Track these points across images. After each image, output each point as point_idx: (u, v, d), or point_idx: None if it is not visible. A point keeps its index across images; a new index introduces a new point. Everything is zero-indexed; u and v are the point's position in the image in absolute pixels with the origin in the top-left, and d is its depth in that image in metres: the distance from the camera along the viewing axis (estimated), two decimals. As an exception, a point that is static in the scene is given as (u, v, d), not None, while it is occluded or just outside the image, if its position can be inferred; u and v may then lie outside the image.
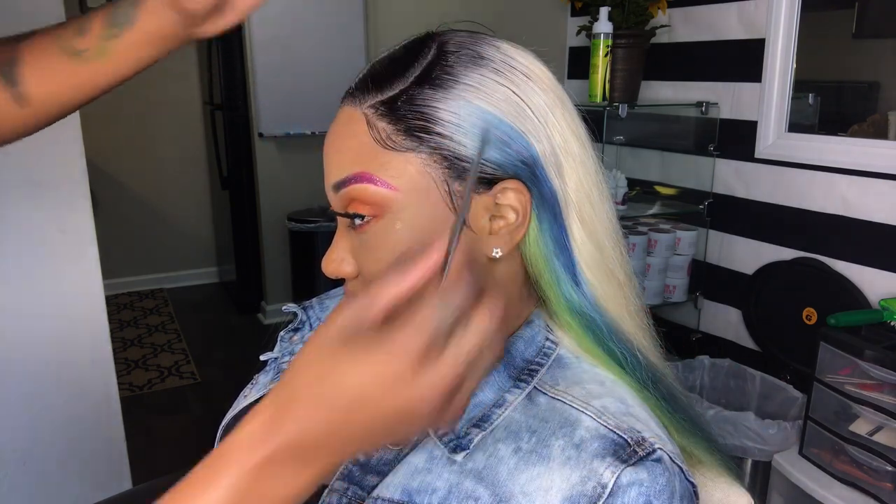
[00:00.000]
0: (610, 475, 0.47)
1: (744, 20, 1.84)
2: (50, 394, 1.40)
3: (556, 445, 0.50)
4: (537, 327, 0.58)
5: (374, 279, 0.49)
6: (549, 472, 0.48)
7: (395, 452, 0.52)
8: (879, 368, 1.34)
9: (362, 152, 0.52)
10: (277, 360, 0.70)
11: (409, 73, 0.53)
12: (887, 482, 1.33)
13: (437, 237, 0.48)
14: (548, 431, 0.51)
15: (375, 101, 0.53)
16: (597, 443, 0.49)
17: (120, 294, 3.88)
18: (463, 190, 0.52)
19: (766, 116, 1.78)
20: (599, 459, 0.48)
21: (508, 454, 0.50)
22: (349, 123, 0.54)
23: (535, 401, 0.53)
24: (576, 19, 2.30)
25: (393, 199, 0.51)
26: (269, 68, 3.06)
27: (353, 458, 0.52)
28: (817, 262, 1.71)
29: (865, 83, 1.74)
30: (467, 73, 0.53)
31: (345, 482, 0.52)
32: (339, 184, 0.53)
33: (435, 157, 0.51)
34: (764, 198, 1.84)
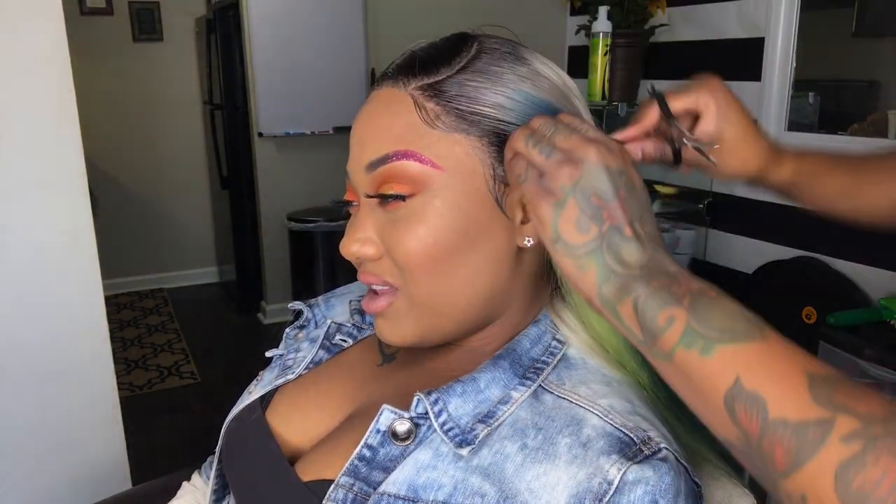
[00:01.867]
0: (616, 472, 0.47)
1: (743, 19, 1.84)
2: (50, 394, 1.41)
3: (563, 443, 0.50)
4: (544, 326, 0.58)
5: (408, 255, 0.52)
6: (556, 469, 0.48)
7: (400, 449, 0.52)
8: (879, 367, 1.34)
9: (407, 131, 0.52)
10: (283, 356, 0.71)
11: (455, 61, 0.54)
12: (887, 481, 1.33)
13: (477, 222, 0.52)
14: (554, 429, 0.51)
15: (423, 84, 0.53)
16: (603, 440, 0.49)
17: (120, 294, 3.88)
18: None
19: (766, 115, 1.78)
20: (605, 456, 0.48)
21: (514, 451, 0.50)
22: (391, 104, 0.54)
23: (541, 399, 0.53)
24: (575, 18, 2.30)
25: (436, 177, 0.52)
26: (268, 68, 3.06)
27: (358, 454, 0.52)
28: (817, 261, 1.71)
29: (865, 82, 1.74)
30: (513, 66, 0.54)
31: (350, 478, 0.52)
32: (379, 161, 0.53)
33: (484, 140, 0.53)
34: (764, 197, 1.84)
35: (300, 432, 0.61)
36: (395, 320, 0.56)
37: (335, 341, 0.69)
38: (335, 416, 0.60)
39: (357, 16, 3.12)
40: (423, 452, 0.51)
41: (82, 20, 3.63)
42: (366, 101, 0.56)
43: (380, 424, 0.53)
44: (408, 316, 0.55)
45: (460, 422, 0.52)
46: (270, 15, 3.03)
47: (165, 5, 3.79)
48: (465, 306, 0.55)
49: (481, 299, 0.55)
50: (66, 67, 1.32)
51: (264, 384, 0.67)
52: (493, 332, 0.58)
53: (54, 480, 1.44)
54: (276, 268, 3.34)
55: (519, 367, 0.55)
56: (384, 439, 0.53)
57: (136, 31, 3.78)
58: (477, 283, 0.54)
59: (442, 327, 0.56)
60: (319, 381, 0.65)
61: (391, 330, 0.56)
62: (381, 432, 0.53)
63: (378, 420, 0.53)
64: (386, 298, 0.55)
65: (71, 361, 1.42)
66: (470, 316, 0.56)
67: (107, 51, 3.71)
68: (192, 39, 3.89)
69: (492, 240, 0.54)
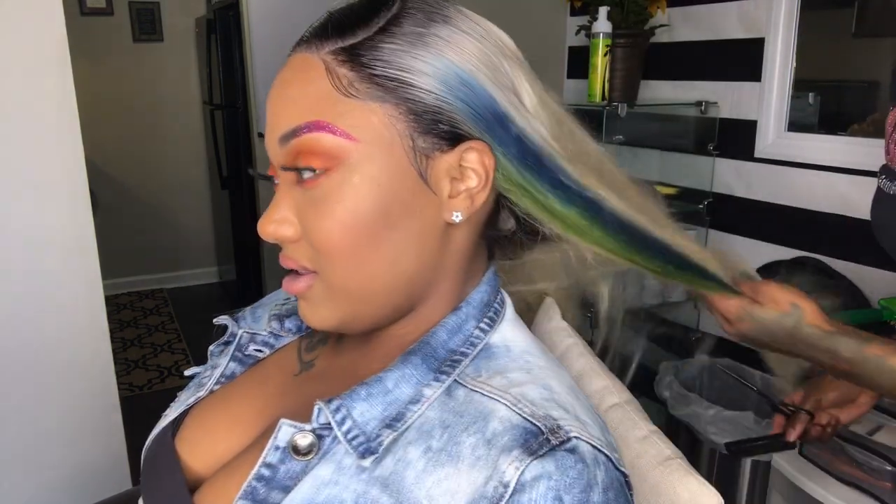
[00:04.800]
0: (513, 472, 0.43)
1: (743, 19, 1.84)
2: (50, 394, 1.40)
3: (468, 443, 0.46)
4: (465, 315, 0.54)
5: (326, 238, 0.48)
6: (458, 473, 0.45)
7: (302, 464, 0.48)
8: (879, 368, 1.34)
9: (319, 100, 0.48)
10: (199, 374, 0.67)
11: (372, 22, 0.49)
12: (887, 482, 1.33)
13: (398, 198, 0.48)
14: (460, 427, 0.47)
15: (336, 48, 0.49)
16: (507, 435, 0.46)
17: (120, 294, 3.88)
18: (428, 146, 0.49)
19: (766, 116, 1.78)
20: (506, 454, 0.44)
21: (417, 456, 0.47)
22: (303, 70, 0.49)
23: (454, 394, 0.50)
24: (575, 19, 2.30)
25: (352, 150, 0.47)
26: (268, 68, 3.06)
27: (256, 474, 0.49)
28: (817, 261, 1.71)
29: (865, 82, 1.74)
30: (436, 27, 0.50)
31: (248, 501, 0.48)
32: (290, 133, 0.48)
33: (401, 108, 0.48)
34: (763, 197, 1.84)
35: (208, 457, 0.57)
36: (315, 304, 0.52)
37: (248, 352, 0.64)
38: (245, 437, 0.56)
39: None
40: (323, 467, 0.47)
41: (82, 20, 3.63)
42: (281, 68, 0.52)
43: (278, 440, 0.49)
44: (327, 300, 0.51)
45: (366, 428, 0.48)
46: (270, 15, 3.03)
47: (165, 5, 3.79)
48: (387, 290, 0.51)
49: (404, 281, 0.51)
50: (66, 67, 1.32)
51: (179, 405, 0.63)
52: (417, 320, 0.54)
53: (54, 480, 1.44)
54: (276, 268, 3.32)
55: (433, 361, 0.51)
56: (284, 455, 0.49)
57: (136, 31, 3.78)
58: (400, 264, 0.50)
59: (363, 312, 0.52)
60: (230, 398, 0.60)
61: (312, 313, 0.52)
62: (280, 448, 0.49)
63: (276, 436, 0.49)
64: (305, 281, 0.51)
65: (71, 362, 1.42)
66: (393, 299, 0.52)
67: (107, 51, 3.71)
68: (192, 39, 3.89)
69: (416, 216, 0.49)
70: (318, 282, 0.51)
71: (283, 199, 0.51)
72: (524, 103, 0.52)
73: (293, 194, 0.50)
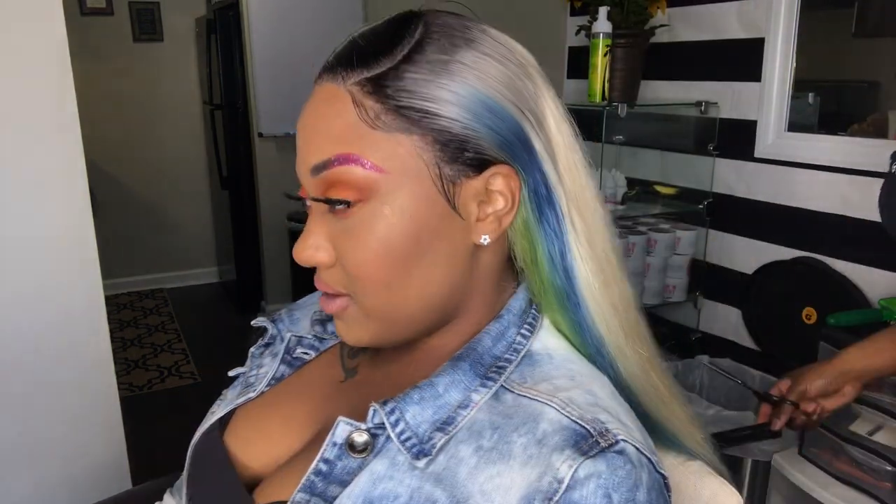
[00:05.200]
0: (567, 469, 0.45)
1: (743, 20, 1.84)
2: (50, 394, 1.40)
3: (518, 443, 0.48)
4: (507, 323, 0.55)
5: (359, 267, 0.50)
6: (510, 470, 0.47)
7: (358, 461, 0.50)
8: (879, 368, 1.34)
9: (347, 132, 0.49)
10: (245, 374, 0.69)
11: (396, 50, 0.49)
12: (887, 482, 1.33)
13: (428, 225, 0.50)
14: (510, 427, 0.49)
15: (361, 78, 0.49)
16: (558, 436, 0.48)
17: (120, 294, 3.88)
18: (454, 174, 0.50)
19: (766, 116, 1.78)
20: (558, 453, 0.46)
21: (469, 454, 0.49)
22: (331, 101, 0.50)
23: (501, 399, 0.52)
24: (575, 19, 2.30)
25: (382, 182, 0.49)
26: (268, 68, 3.06)
27: (314, 469, 0.51)
28: (817, 262, 1.71)
29: (865, 82, 1.74)
30: (459, 52, 0.50)
31: (307, 494, 0.50)
32: (321, 165, 0.50)
33: (427, 138, 0.49)
34: (764, 197, 1.84)
35: (262, 456, 0.59)
36: (349, 323, 0.54)
37: (296, 355, 0.67)
38: (298, 438, 0.58)
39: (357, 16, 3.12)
40: (378, 463, 0.50)
41: (82, 20, 3.63)
42: (309, 97, 0.53)
43: (336, 437, 0.51)
44: (361, 321, 0.53)
45: (418, 430, 0.50)
46: (270, 15, 3.03)
47: (165, 5, 3.79)
48: (420, 311, 0.53)
49: (436, 302, 0.53)
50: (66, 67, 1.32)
51: (227, 403, 0.65)
52: (455, 331, 0.56)
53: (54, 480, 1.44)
54: (275, 268, 3.34)
55: (480, 367, 0.53)
56: (341, 452, 0.51)
57: (136, 31, 3.78)
58: (431, 287, 0.52)
59: (397, 332, 0.54)
60: (281, 401, 0.62)
61: (347, 331, 0.55)
62: (337, 445, 0.51)
63: (334, 433, 0.51)
64: (340, 302, 0.53)
65: (71, 362, 1.42)
66: (426, 320, 0.54)
67: (107, 51, 3.71)
68: (192, 39, 3.89)
69: (445, 241, 0.51)
70: (352, 304, 0.53)
71: (317, 225, 0.52)
72: (547, 124, 0.53)
73: (326, 221, 0.52)
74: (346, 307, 0.53)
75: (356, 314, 0.53)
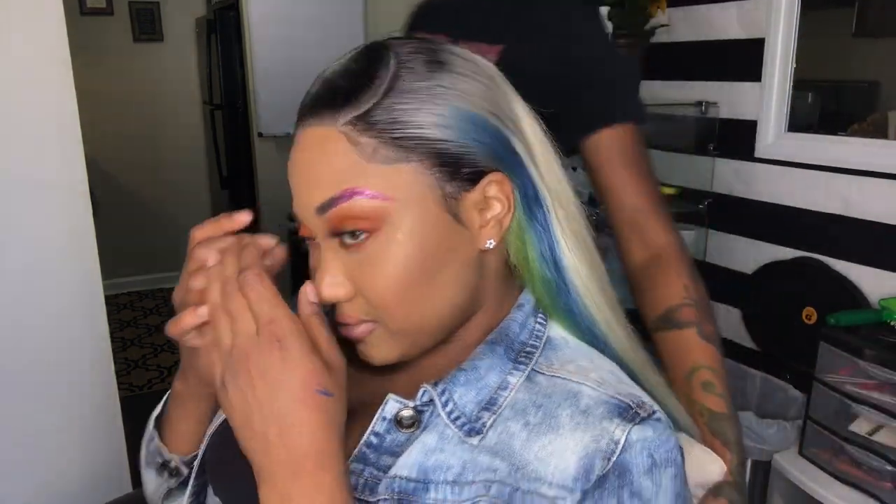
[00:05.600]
0: (621, 433, 0.51)
1: (743, 20, 1.84)
2: (50, 394, 1.40)
3: (564, 414, 0.53)
4: (527, 312, 0.60)
5: (383, 295, 0.53)
6: (561, 438, 0.52)
7: (406, 436, 0.55)
8: (879, 368, 1.34)
9: (348, 171, 0.51)
10: None
11: (376, 85, 0.52)
12: (887, 482, 1.33)
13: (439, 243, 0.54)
14: (553, 404, 0.54)
15: (351, 118, 0.51)
16: (602, 408, 0.53)
17: (120, 294, 3.88)
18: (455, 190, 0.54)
19: (766, 116, 1.78)
20: (608, 420, 0.52)
21: (518, 429, 0.53)
22: (324, 144, 0.52)
23: (535, 381, 0.56)
24: (575, 19, 2.29)
25: (390, 209, 0.51)
26: (268, 68, 3.06)
27: (365, 441, 0.55)
28: (817, 262, 1.71)
29: (865, 82, 1.74)
30: (436, 77, 0.53)
31: (360, 464, 0.54)
32: (327, 204, 0.52)
33: (425, 163, 0.52)
34: (764, 197, 1.84)
35: None
36: (375, 345, 0.56)
37: None
38: None
39: (357, 15, 3.12)
40: (428, 436, 0.54)
41: (82, 20, 3.63)
42: (295, 142, 0.55)
43: (385, 412, 0.55)
44: (387, 341, 0.56)
45: (465, 410, 0.54)
46: (270, 15, 3.03)
47: (165, 5, 3.79)
48: (443, 319, 0.56)
49: (457, 307, 0.57)
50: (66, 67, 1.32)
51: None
52: (475, 324, 0.60)
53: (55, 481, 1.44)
54: (275, 268, 3.34)
55: (512, 352, 0.57)
56: (390, 427, 0.55)
57: (136, 31, 3.78)
58: (448, 296, 0.55)
59: (424, 342, 0.57)
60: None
61: (375, 353, 0.57)
62: (386, 420, 0.55)
63: (384, 408, 0.55)
64: (364, 328, 0.55)
65: (71, 362, 1.42)
66: (449, 325, 0.57)
67: (107, 51, 3.71)
68: (192, 39, 3.89)
69: (456, 252, 0.55)
70: (378, 328, 0.55)
71: (332, 263, 0.54)
72: (522, 126, 0.57)
73: (339, 257, 0.54)
74: (371, 331, 0.55)
75: (382, 336, 0.55)
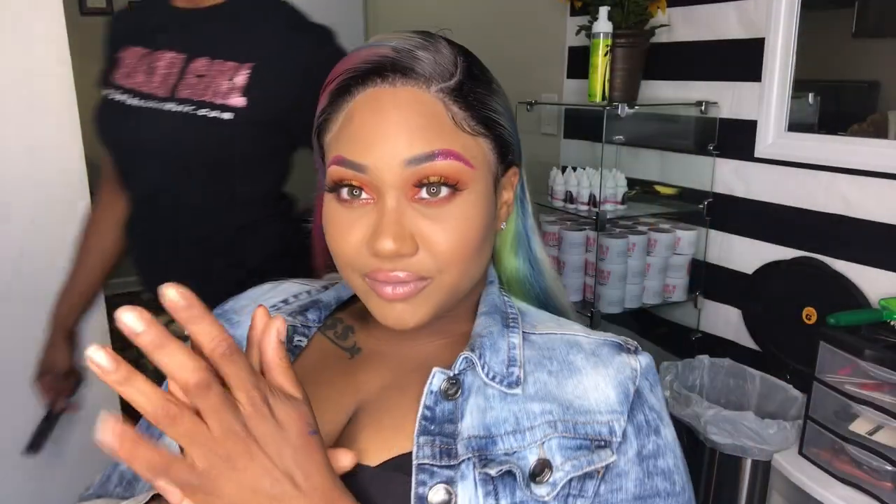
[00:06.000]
0: (634, 362, 0.61)
1: (743, 20, 1.84)
2: (50, 394, 1.40)
3: (578, 359, 0.62)
4: (496, 286, 0.69)
5: (453, 251, 0.58)
6: (586, 377, 0.60)
7: (452, 404, 0.59)
8: (879, 368, 1.34)
9: (444, 132, 0.57)
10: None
11: (461, 65, 0.60)
12: (887, 482, 1.33)
13: (491, 214, 0.62)
14: (561, 354, 0.62)
15: (444, 87, 0.58)
16: (605, 348, 0.63)
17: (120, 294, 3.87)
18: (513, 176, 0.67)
19: (766, 116, 1.78)
20: (618, 356, 0.62)
21: (546, 377, 0.61)
22: (418, 104, 0.57)
23: (531, 341, 0.64)
24: (575, 19, 2.29)
25: (472, 176, 0.59)
26: (268, 68, 3.06)
27: (421, 415, 0.58)
28: (817, 262, 1.71)
29: (865, 82, 1.74)
30: (488, 73, 0.64)
31: (428, 436, 0.57)
32: (423, 157, 0.56)
33: (492, 143, 0.61)
34: (764, 197, 1.84)
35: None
36: (419, 305, 0.59)
37: (295, 343, 0.69)
38: (342, 413, 0.63)
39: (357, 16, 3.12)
40: (475, 400, 0.59)
41: (82, 20, 3.63)
42: (379, 97, 0.58)
43: (433, 386, 0.59)
44: (432, 301, 0.59)
45: (496, 370, 0.60)
46: (270, 15, 3.02)
47: (165, 5, 3.79)
48: (473, 283, 0.63)
49: (480, 277, 0.65)
50: (66, 67, 1.32)
51: None
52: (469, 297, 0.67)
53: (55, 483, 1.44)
54: (276, 268, 3.33)
55: (504, 320, 0.65)
56: (437, 398, 0.59)
57: (136, 31, 3.78)
58: (484, 263, 0.64)
59: (452, 303, 0.62)
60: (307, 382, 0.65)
61: (412, 314, 0.59)
62: (433, 393, 0.59)
63: (431, 382, 0.59)
64: (416, 285, 0.58)
65: (71, 361, 1.42)
66: (467, 291, 0.64)
67: (107, 51, 3.70)
68: (192, 39, 3.89)
69: (492, 225, 0.63)
70: (431, 286, 0.59)
71: (401, 216, 0.57)
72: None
73: (406, 212, 0.57)
74: (422, 289, 0.59)
75: (430, 294, 0.59)
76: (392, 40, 0.59)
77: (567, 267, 2.00)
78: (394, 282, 0.57)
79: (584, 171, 1.99)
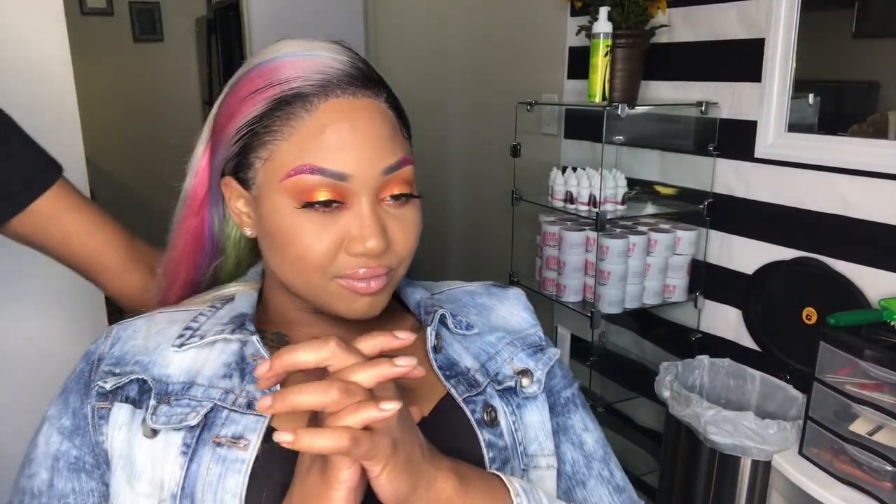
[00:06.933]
0: (518, 292, 0.81)
1: (744, 20, 1.84)
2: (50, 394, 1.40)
3: (483, 299, 0.80)
4: None
5: (410, 247, 0.66)
6: (500, 309, 0.79)
7: (443, 354, 0.71)
8: (879, 368, 1.34)
9: (398, 139, 0.64)
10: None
11: (380, 77, 0.65)
12: (887, 482, 1.33)
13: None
14: (469, 300, 0.80)
15: (386, 97, 0.64)
16: (491, 289, 0.81)
17: (120, 294, 3.87)
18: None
19: (766, 116, 1.78)
20: (503, 290, 0.82)
21: (476, 318, 0.77)
22: (377, 113, 0.62)
23: (441, 297, 0.79)
24: (575, 19, 2.29)
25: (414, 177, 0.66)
26: (268, 68, 3.06)
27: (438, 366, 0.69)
28: (817, 262, 1.71)
29: (865, 83, 1.74)
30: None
31: (452, 378, 0.69)
32: (394, 166, 0.62)
33: (411, 148, 0.67)
34: (764, 198, 1.84)
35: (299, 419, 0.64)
36: (384, 294, 0.66)
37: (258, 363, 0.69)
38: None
39: (357, 16, 3.12)
40: (454, 346, 0.72)
41: (82, 20, 3.63)
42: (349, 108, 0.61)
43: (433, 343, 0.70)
44: (389, 289, 0.67)
45: (453, 320, 0.74)
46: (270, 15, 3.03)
47: (165, 5, 3.79)
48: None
49: None
50: (66, 67, 1.32)
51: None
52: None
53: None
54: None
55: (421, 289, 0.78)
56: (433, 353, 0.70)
57: (136, 31, 3.78)
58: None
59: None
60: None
61: (380, 303, 0.66)
62: (433, 348, 0.70)
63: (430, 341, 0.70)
64: (386, 278, 0.65)
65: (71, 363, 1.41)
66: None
67: (107, 51, 3.71)
68: (192, 39, 3.89)
69: None
70: (391, 278, 0.66)
71: (380, 218, 0.62)
72: None
73: (378, 214, 0.62)
74: (388, 282, 0.65)
75: (391, 284, 0.66)
76: (332, 53, 0.63)
77: (567, 267, 2.00)
78: (374, 276, 0.63)
79: (584, 171, 1.99)
